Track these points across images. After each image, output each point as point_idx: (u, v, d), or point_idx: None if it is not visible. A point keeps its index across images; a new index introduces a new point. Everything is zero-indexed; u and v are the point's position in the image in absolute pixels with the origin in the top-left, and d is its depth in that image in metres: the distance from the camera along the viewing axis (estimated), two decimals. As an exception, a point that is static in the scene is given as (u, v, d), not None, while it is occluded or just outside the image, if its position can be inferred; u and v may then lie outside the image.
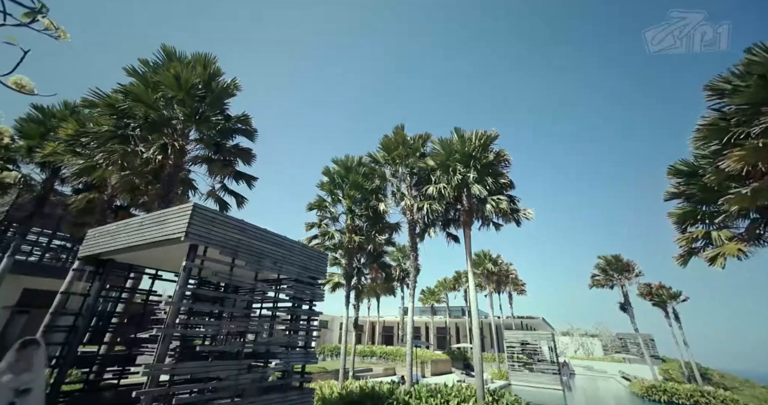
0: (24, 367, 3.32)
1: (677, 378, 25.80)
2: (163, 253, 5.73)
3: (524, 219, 10.95)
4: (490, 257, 28.38)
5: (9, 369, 3.29)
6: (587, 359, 41.84)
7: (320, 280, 7.23)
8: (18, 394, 3.17)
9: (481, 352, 10.17)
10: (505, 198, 10.54)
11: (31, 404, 3.28)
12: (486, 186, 10.63)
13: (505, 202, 10.23)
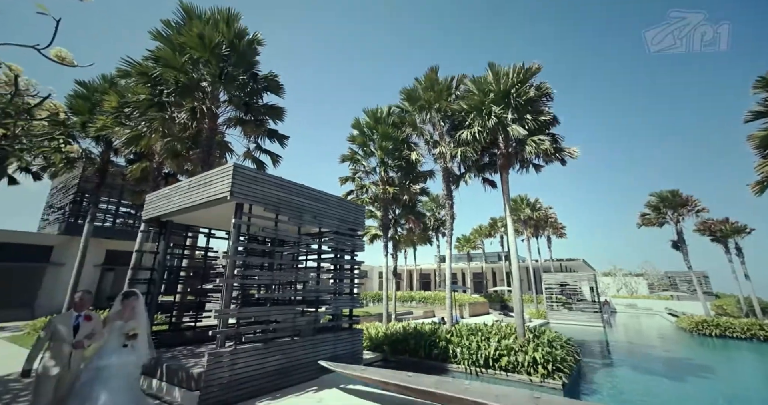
0: (129, 315, 3.72)
1: (732, 313, 25.09)
2: (213, 213, 6.16)
3: (568, 158, 10.21)
4: (527, 202, 27.56)
5: (118, 317, 3.72)
6: (630, 298, 41.56)
7: (359, 232, 7.51)
8: (128, 337, 3.60)
9: (521, 293, 10.38)
10: (547, 137, 9.77)
11: (140, 346, 3.74)
12: (525, 126, 9.85)
13: (547, 142, 9.50)
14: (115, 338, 3.60)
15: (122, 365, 3.55)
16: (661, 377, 10.02)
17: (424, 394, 3.88)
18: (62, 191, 19.66)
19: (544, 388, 7.64)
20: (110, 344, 3.59)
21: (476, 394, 3.73)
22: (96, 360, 3.49)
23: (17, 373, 6.30)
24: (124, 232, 19.48)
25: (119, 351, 3.59)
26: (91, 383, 3.32)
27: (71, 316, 3.54)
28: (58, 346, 3.37)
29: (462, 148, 11.33)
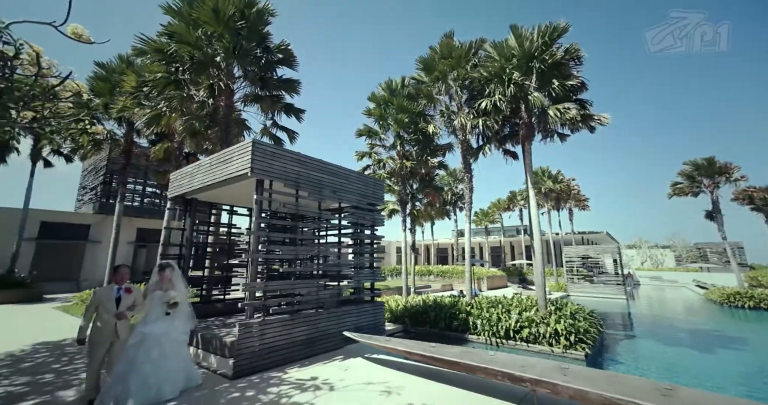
0: (167, 285, 3.90)
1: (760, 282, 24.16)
2: (235, 190, 6.23)
3: (598, 125, 9.58)
4: (549, 174, 26.63)
5: (157, 287, 3.90)
6: (655, 270, 40.61)
7: (378, 206, 7.46)
8: (169, 306, 3.78)
9: (543, 266, 10.24)
10: (574, 105, 9.14)
11: (182, 314, 3.96)
12: (552, 92, 9.24)
13: (574, 110, 8.90)
14: (157, 307, 3.79)
15: (166, 332, 3.76)
16: (688, 349, 9.88)
17: (449, 363, 3.94)
18: (92, 173, 20.52)
19: (566, 359, 7.68)
20: (153, 313, 3.78)
21: (501, 364, 3.75)
22: (140, 328, 3.69)
23: (71, 338, 6.92)
24: (152, 211, 20.35)
25: (162, 319, 3.79)
26: (137, 349, 3.53)
27: (112, 289, 3.72)
28: (103, 316, 3.60)
29: (482, 118, 10.84)
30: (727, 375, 7.54)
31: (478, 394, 3.80)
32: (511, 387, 3.87)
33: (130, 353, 3.53)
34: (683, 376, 7.37)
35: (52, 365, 5.18)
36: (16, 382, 4.49)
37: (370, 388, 4.09)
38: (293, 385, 4.20)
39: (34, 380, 4.53)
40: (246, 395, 3.86)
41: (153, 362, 3.56)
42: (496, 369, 3.47)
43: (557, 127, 10.45)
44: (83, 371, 4.86)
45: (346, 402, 3.67)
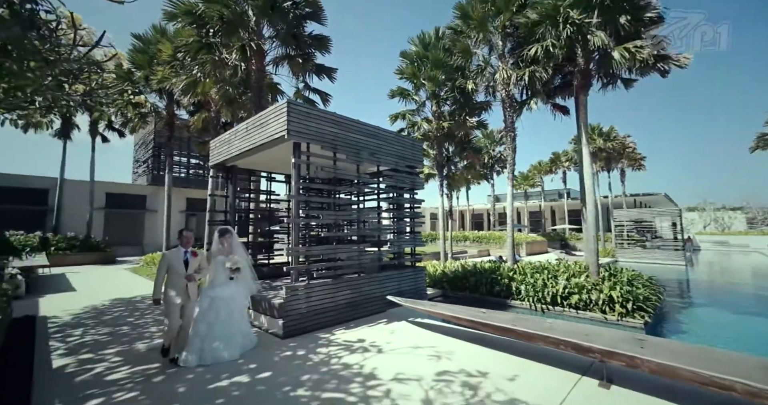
0: (228, 250, 3.93)
1: None
2: (272, 156, 6.12)
3: (674, 67, 8.11)
4: (600, 131, 24.12)
5: (219, 252, 3.92)
6: (721, 234, 37.08)
7: (418, 168, 7.08)
8: (232, 271, 3.80)
9: (596, 230, 9.47)
10: (646, 42, 7.71)
11: (245, 278, 4.01)
12: (621, 30, 7.83)
13: (647, 49, 7.52)
14: (221, 272, 3.86)
15: (231, 297, 3.86)
16: (764, 318, 8.97)
17: (502, 330, 3.73)
18: (143, 147, 21.82)
19: (622, 327, 7.25)
20: (218, 278, 3.87)
21: (563, 332, 3.46)
22: (209, 291, 3.81)
23: (141, 296, 7.67)
24: (198, 182, 21.51)
25: (227, 283, 3.87)
26: (208, 311, 3.70)
27: (180, 252, 3.78)
28: (173, 278, 3.69)
29: (529, 68, 9.65)
30: None
31: (535, 362, 3.60)
32: (571, 356, 3.60)
33: (202, 314, 3.69)
34: (759, 347, 6.69)
35: (127, 319, 5.73)
36: (101, 331, 5.02)
37: (418, 351, 4.03)
38: (341, 346, 4.26)
39: (114, 331, 5.03)
40: (297, 354, 3.97)
41: (222, 324, 3.70)
42: (558, 338, 3.20)
43: (622, 72, 9.06)
44: (153, 325, 5.33)
45: (395, 365, 3.63)
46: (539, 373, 3.34)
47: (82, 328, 5.19)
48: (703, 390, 2.51)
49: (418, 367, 3.55)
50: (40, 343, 4.46)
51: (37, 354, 4.06)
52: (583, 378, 3.20)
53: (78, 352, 4.15)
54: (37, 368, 3.62)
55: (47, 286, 9.03)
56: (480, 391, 2.98)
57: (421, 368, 3.53)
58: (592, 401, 2.80)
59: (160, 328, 5.08)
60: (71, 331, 5.07)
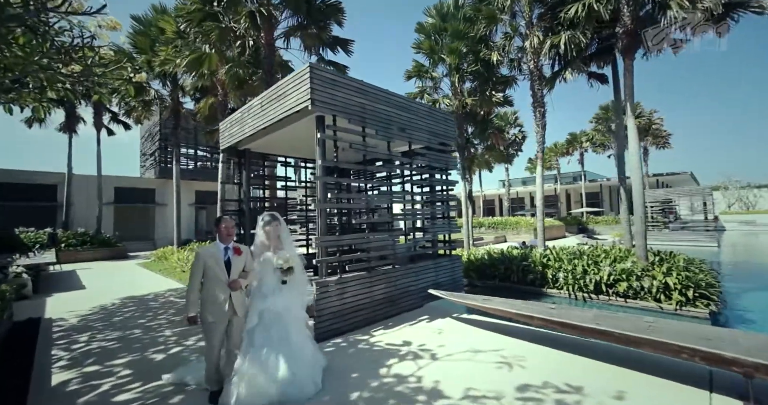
0: (276, 245, 2.95)
1: None
2: (291, 135, 5.41)
3: (746, 16, 7.01)
4: (623, 109, 22.74)
5: (264, 248, 2.95)
6: (746, 213, 35.60)
7: (451, 146, 6.31)
8: (284, 272, 2.82)
9: (643, 210, 8.64)
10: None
11: (299, 281, 3.01)
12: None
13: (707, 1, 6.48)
14: (270, 274, 2.87)
15: (286, 308, 2.82)
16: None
17: (594, 332, 3.03)
18: (149, 139, 21.29)
19: (683, 318, 6.52)
20: (267, 282, 2.87)
21: (669, 334, 2.76)
22: (258, 302, 2.81)
23: (153, 293, 7.14)
24: (207, 173, 21.00)
25: (279, 290, 2.86)
26: (253, 332, 2.71)
27: (219, 249, 2.66)
28: (212, 286, 2.60)
29: (566, 33, 8.65)
30: None
31: (635, 372, 2.90)
32: (679, 363, 2.90)
33: (252, 337, 2.70)
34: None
35: (138, 320, 5.19)
36: (109, 336, 4.47)
37: (480, 357, 3.37)
38: (386, 351, 3.62)
39: (124, 336, 4.47)
40: (337, 363, 3.33)
41: (277, 347, 2.66)
42: (681, 345, 2.49)
43: (673, 31, 8.00)
44: (167, 327, 4.77)
45: (460, 375, 2.98)
46: (650, 389, 2.65)
47: (89, 333, 4.65)
48: None
49: (490, 379, 2.89)
50: (41, 352, 3.92)
51: (36, 366, 3.51)
52: (714, 395, 2.50)
53: (82, 363, 3.59)
54: (34, 386, 3.06)
55: (57, 284, 8.61)
56: (586, 416, 2.31)
57: (493, 380, 2.87)
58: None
59: (175, 332, 4.52)
60: (77, 336, 4.53)
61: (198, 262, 2.60)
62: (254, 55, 8.14)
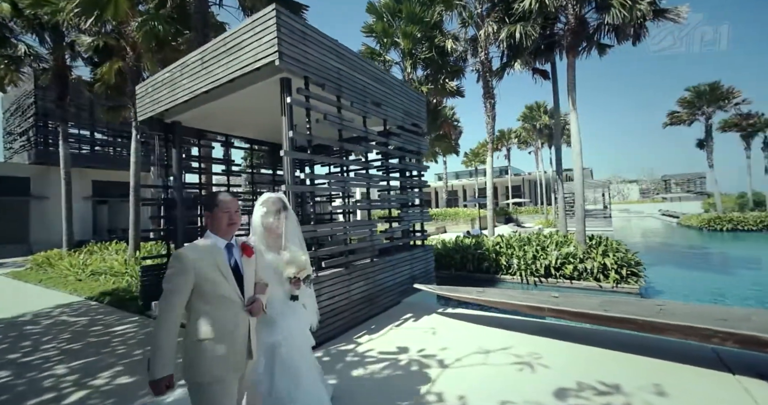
0: (276, 243, 2.03)
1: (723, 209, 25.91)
2: (241, 104, 4.33)
3: (668, 24, 7.91)
4: (545, 109, 25.31)
5: (267, 247, 2.00)
6: (622, 203, 43.08)
7: (423, 128, 5.87)
8: (295, 283, 1.95)
9: (582, 201, 9.41)
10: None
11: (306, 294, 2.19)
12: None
13: (645, 2, 7.13)
14: (276, 285, 1.95)
15: (301, 331, 1.97)
16: (714, 272, 10.05)
17: (614, 321, 2.85)
18: (18, 114, 16.61)
19: (619, 294, 7.21)
20: (274, 298, 1.94)
21: (683, 316, 2.72)
22: (264, 333, 1.86)
23: (31, 313, 5.24)
24: (110, 160, 17.31)
25: (288, 308, 1.98)
26: (266, 373, 1.86)
27: (218, 249, 1.56)
28: (216, 312, 1.48)
29: (519, 24, 8.86)
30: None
31: (660, 360, 2.78)
32: (689, 346, 2.90)
33: (271, 387, 1.84)
34: (734, 298, 7.24)
35: (7, 355, 3.66)
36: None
37: (493, 359, 2.98)
38: (383, 362, 3.01)
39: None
40: (331, 384, 2.61)
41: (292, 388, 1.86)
42: (714, 329, 2.39)
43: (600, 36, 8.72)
44: (58, 362, 3.40)
45: (481, 385, 2.55)
46: (680, 378, 2.52)
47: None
48: None
49: (519, 387, 2.51)
50: None
51: None
52: (738, 377, 2.47)
53: None
54: None
55: None
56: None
57: (524, 388, 2.49)
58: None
59: (72, 368, 3.24)
60: None
61: (182, 272, 1.43)
62: (179, 11, 6.52)
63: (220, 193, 1.61)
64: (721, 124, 24.58)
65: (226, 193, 1.63)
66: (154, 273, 5.01)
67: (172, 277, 1.41)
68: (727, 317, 2.67)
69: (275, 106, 3.71)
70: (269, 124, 5.27)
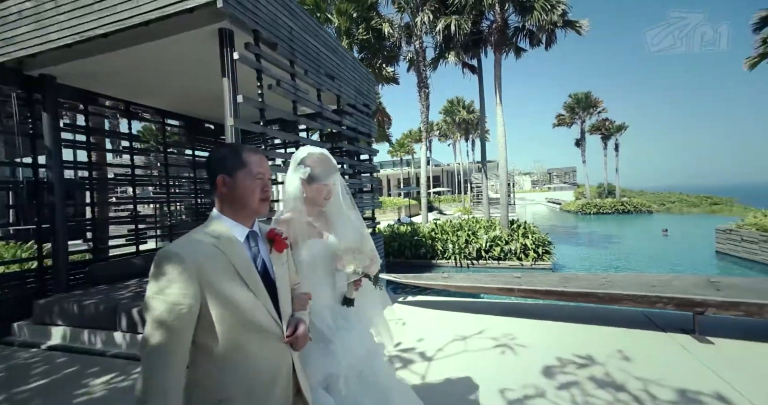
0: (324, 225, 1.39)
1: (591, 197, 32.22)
2: (153, 60, 3.34)
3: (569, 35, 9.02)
4: (463, 104, 27.29)
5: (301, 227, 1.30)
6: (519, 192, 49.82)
7: (372, 109, 5.54)
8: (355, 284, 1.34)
9: (505, 189, 10.32)
10: (561, 1, 8.16)
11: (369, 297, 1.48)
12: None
13: (561, 8, 8.01)
14: (324, 286, 1.35)
15: (372, 351, 1.34)
16: (594, 247, 12.21)
17: (578, 296, 3.05)
18: None
19: (537, 270, 8.15)
20: (321, 305, 1.30)
21: (623, 286, 3.08)
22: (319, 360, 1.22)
23: None
24: None
25: (345, 319, 1.33)
26: None
27: (238, 245, 0.90)
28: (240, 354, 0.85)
29: (454, 17, 9.09)
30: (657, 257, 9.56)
31: (610, 328, 3.08)
32: (628, 312, 3.30)
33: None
34: (614, 266, 8.94)
35: None
36: None
37: (473, 345, 2.93)
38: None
39: None
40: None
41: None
42: (660, 295, 2.72)
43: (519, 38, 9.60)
44: None
45: (475, 375, 2.44)
46: (633, 341, 2.82)
47: None
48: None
49: (509, 371, 2.49)
50: None
51: None
52: (671, 334, 2.87)
53: None
54: None
55: None
56: (628, 385, 2.20)
57: (513, 371, 2.48)
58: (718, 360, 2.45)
59: None
60: None
61: (180, 284, 0.78)
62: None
63: (244, 147, 0.98)
64: (589, 128, 29.92)
65: (251, 146, 0.96)
66: (14, 283, 3.65)
67: (162, 294, 0.77)
68: (656, 283, 3.09)
69: (206, 66, 2.94)
70: (192, 92, 4.28)
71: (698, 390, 2.12)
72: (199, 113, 5.43)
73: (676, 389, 2.13)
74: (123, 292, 3.68)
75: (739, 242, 8.96)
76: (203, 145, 5.75)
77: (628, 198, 25.78)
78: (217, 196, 0.92)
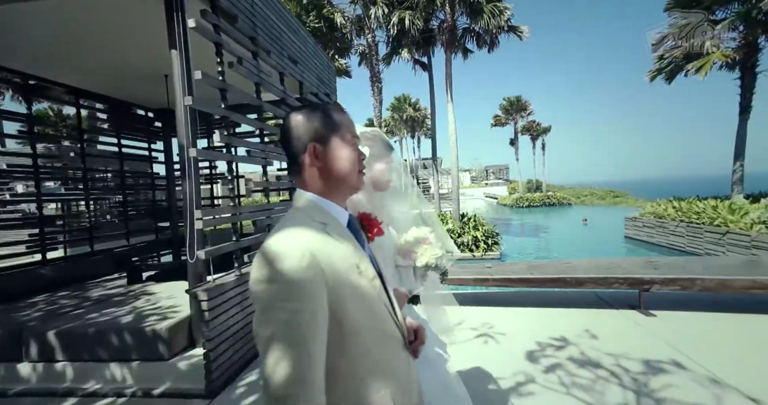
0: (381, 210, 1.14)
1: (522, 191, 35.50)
2: (72, 21, 2.71)
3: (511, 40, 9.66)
4: (410, 102, 27.85)
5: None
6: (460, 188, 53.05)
7: (333, 98, 5.29)
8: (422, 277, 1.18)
9: (458, 186, 10.72)
10: (507, 8, 8.68)
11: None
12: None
13: (508, 13, 8.52)
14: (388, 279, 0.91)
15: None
16: (531, 237, 13.39)
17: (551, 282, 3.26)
18: None
19: (487, 260, 8.65)
20: None
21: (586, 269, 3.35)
22: None
23: None
24: None
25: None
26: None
27: (348, 235, 0.67)
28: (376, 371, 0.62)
29: (408, 12, 9.12)
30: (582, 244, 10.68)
31: (572, 309, 3.33)
32: (582, 293, 3.61)
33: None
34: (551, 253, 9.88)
35: None
36: None
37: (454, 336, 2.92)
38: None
39: None
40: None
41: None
42: (617, 277, 3.01)
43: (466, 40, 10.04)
44: None
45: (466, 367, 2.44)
46: (597, 320, 3.07)
47: None
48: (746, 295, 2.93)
49: (494, 360, 2.54)
50: None
51: None
52: (621, 311, 3.20)
53: None
54: None
55: None
56: (603, 362, 2.38)
57: (503, 359, 2.53)
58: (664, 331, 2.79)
59: None
60: None
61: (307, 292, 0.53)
62: None
63: (328, 105, 0.73)
64: (521, 128, 32.74)
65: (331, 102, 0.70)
66: None
67: (288, 301, 0.52)
68: (609, 266, 3.43)
69: (143, 37, 2.47)
70: (119, 69, 3.61)
71: (659, 359, 2.36)
72: (128, 95, 4.64)
73: (642, 361, 2.35)
74: (28, 311, 2.98)
75: (641, 228, 10.52)
76: (133, 133, 4.93)
77: (552, 192, 28.93)
78: (304, 172, 0.68)
